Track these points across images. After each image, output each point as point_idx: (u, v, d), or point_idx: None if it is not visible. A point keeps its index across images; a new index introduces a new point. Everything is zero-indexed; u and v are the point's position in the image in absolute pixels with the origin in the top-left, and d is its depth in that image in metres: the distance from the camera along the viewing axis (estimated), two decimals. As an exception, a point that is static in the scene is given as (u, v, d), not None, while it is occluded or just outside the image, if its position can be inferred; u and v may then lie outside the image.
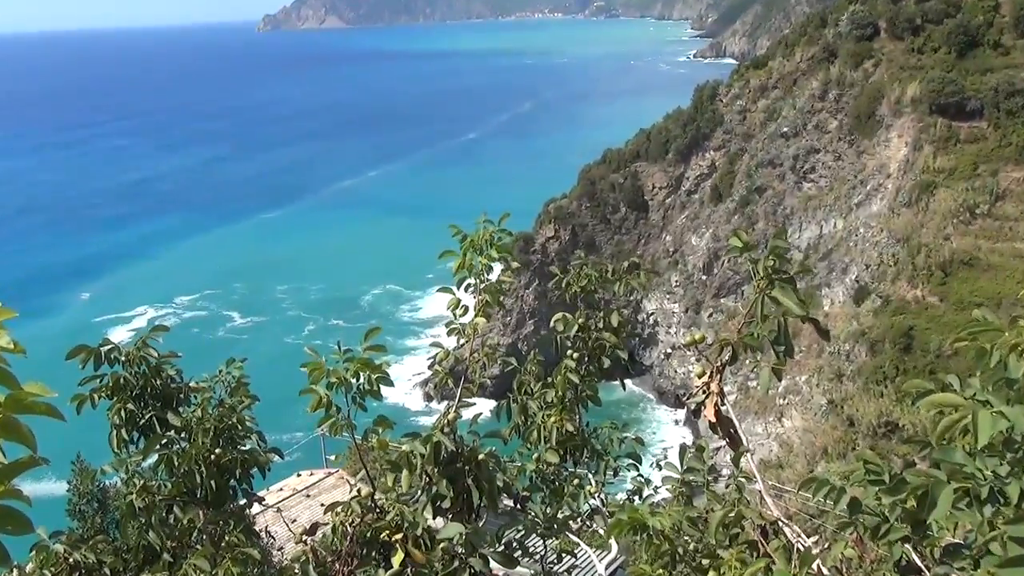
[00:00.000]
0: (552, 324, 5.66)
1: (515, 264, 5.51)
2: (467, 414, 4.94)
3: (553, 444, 5.38)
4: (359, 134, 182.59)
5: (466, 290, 5.29)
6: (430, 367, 5.23)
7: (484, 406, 4.83)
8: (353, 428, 4.40)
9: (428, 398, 68.81)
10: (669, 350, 68.76)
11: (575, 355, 5.63)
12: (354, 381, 4.34)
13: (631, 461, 5.76)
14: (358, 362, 4.33)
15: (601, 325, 5.73)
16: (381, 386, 4.42)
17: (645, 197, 74.19)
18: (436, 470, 4.05)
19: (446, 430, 4.27)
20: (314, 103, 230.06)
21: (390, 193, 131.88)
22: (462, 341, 5.25)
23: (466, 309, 5.19)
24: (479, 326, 5.11)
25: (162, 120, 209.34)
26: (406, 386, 70.78)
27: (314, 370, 4.27)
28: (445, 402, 69.02)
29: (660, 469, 4.95)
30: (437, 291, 5.37)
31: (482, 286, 5.20)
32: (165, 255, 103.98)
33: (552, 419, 5.42)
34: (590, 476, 5.72)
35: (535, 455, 5.50)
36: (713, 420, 4.13)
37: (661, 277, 68.91)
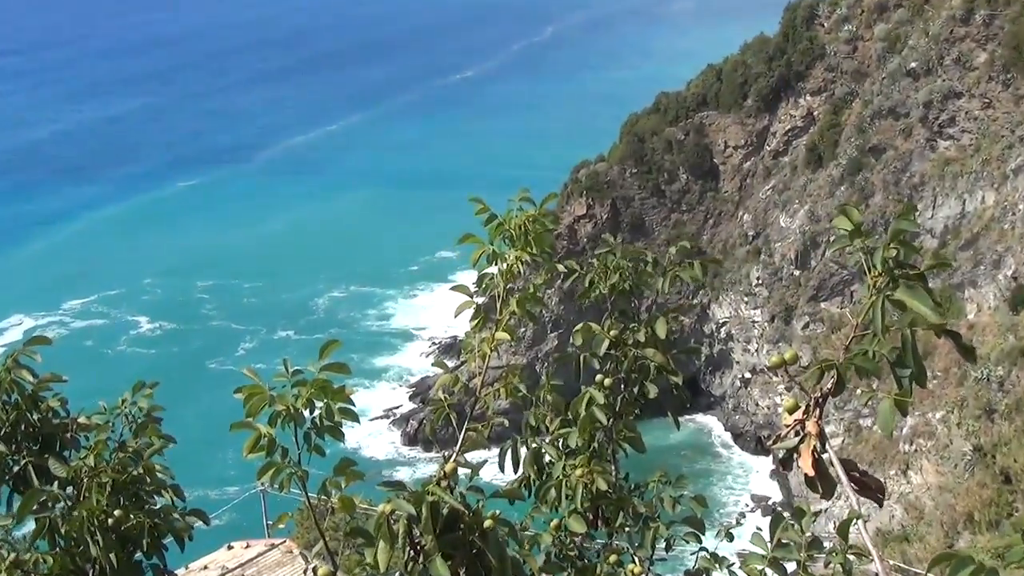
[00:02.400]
0: (573, 338, 5.65)
1: (561, 267, 5.50)
2: (465, 462, 4.92)
3: (579, 506, 5.36)
4: (316, 71, 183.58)
5: (484, 290, 5.28)
6: (421, 400, 5.24)
7: (480, 453, 4.83)
8: (305, 480, 4.39)
9: (409, 441, 69.29)
10: (747, 374, 68.74)
11: (607, 381, 5.61)
12: (307, 413, 4.35)
13: (690, 530, 5.71)
14: (312, 386, 4.33)
15: (642, 338, 5.67)
16: (344, 421, 4.46)
17: (714, 160, 74.16)
18: (431, 540, 4.02)
19: (443, 485, 4.26)
20: (257, 31, 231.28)
21: (356, 154, 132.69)
22: (462, 361, 5.25)
23: (483, 317, 5.17)
24: (499, 343, 5.12)
25: (55, 58, 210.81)
26: (375, 424, 70.99)
27: (252, 397, 4.27)
28: (436, 450, 69.09)
29: (732, 540, 4.90)
30: (450, 290, 5.39)
31: (507, 286, 5.18)
32: (48, 243, 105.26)
33: (577, 471, 5.40)
34: (631, 551, 5.68)
35: (554, 521, 5.48)
36: (810, 473, 4.11)
37: (736, 272, 68.81)
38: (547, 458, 5.64)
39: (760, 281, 67.44)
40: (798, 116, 70.96)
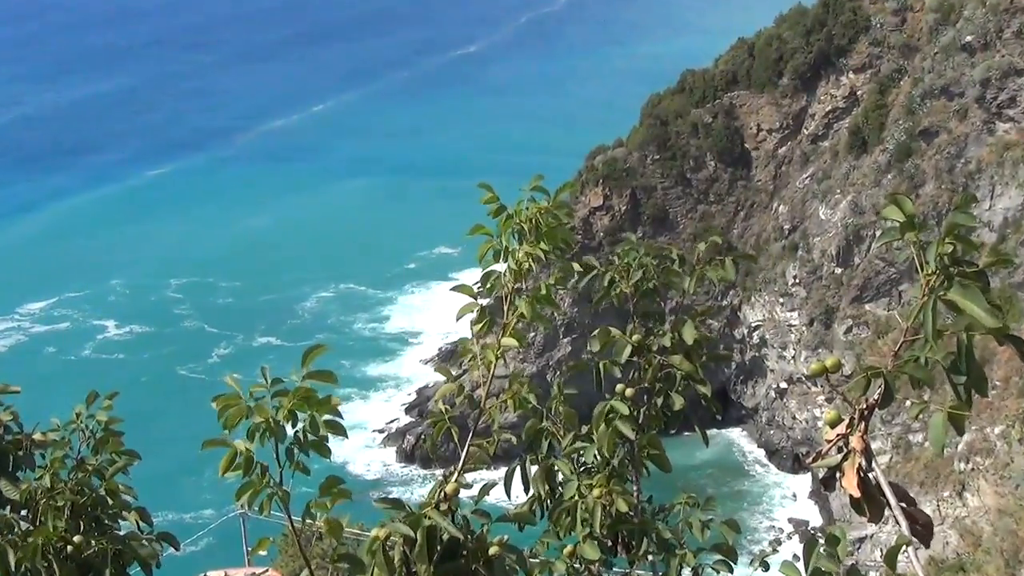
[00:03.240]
0: (590, 343, 5.64)
1: (575, 266, 5.50)
2: (469, 481, 4.90)
3: (596, 530, 5.34)
4: (301, 45, 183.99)
5: (490, 290, 5.26)
6: (419, 413, 5.23)
7: (489, 474, 4.82)
8: (288, 501, 4.39)
9: (405, 458, 69.51)
10: (783, 384, 68.64)
11: (628, 391, 5.60)
12: (289, 427, 4.35)
13: (721, 558, 5.71)
14: (295, 396, 4.33)
15: (668, 343, 5.65)
16: (331, 435, 4.46)
17: (745, 145, 74.06)
18: (427, 570, 4.01)
19: (443, 507, 4.25)
20: (237, 1, 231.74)
21: (346, 138, 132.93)
22: (465, 369, 5.23)
23: (489, 321, 5.16)
24: (506, 350, 5.11)
25: (14, 35, 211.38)
26: (368, 438, 71.64)
27: (227, 408, 4.27)
28: (436, 467, 69.06)
29: (767, 570, 4.87)
30: (451, 289, 5.38)
31: (516, 286, 5.19)
32: (4, 240, 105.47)
33: (594, 492, 5.39)
34: (655, 581, 5.70)
35: (568, 547, 5.47)
36: (855, 494, 4.08)
37: (770, 270, 68.72)
38: (561, 477, 5.62)
39: (797, 280, 67.30)
40: (839, 96, 70.80)
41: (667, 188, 73.67)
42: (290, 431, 4.38)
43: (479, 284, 5.31)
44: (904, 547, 4.26)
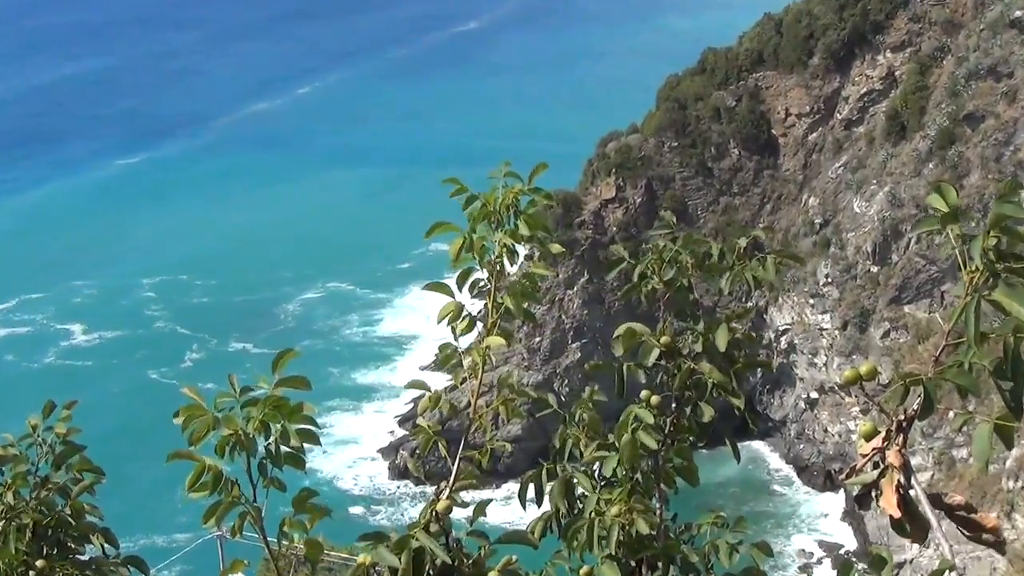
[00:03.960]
0: (613, 344, 5.63)
1: (556, 247, 5.51)
2: (468, 500, 4.91)
3: (614, 551, 5.36)
4: (286, 21, 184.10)
5: (471, 290, 5.32)
6: (410, 427, 5.24)
7: (489, 490, 4.80)
8: (259, 519, 4.40)
9: (398, 474, 69.61)
10: (813, 393, 68.57)
11: (654, 398, 5.61)
12: (260, 439, 4.35)
13: (750, 583, 5.73)
14: (266, 405, 4.33)
15: (699, 348, 5.66)
16: (307, 446, 4.44)
17: (772, 132, 74.00)
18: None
19: (433, 528, 4.24)
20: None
21: (335, 124, 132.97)
22: (461, 377, 5.24)
23: (471, 321, 5.20)
24: (492, 351, 5.12)
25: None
26: (358, 453, 71.63)
27: (192, 419, 4.27)
28: (430, 483, 68.64)
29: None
30: (424, 288, 5.43)
31: (500, 283, 5.21)
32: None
33: (614, 509, 5.40)
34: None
35: (583, 568, 5.46)
36: (894, 513, 4.07)
37: (800, 268, 68.66)
38: (580, 490, 5.63)
39: (829, 279, 67.24)
40: (876, 77, 70.73)
41: (686, 178, 73.66)
42: (262, 444, 4.37)
43: (458, 282, 5.32)
44: (947, 572, 4.24)
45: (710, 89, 74.54)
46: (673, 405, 5.72)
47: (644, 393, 5.67)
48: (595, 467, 5.68)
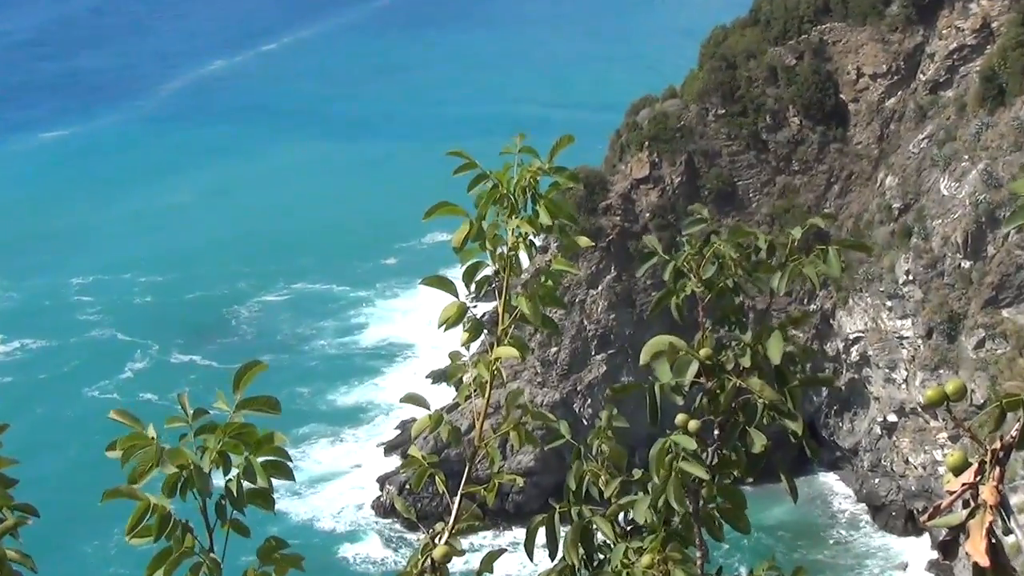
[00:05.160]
0: (643, 359, 5.63)
1: (583, 240, 5.51)
2: (470, 546, 4.94)
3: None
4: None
5: (477, 289, 5.31)
6: (403, 454, 5.25)
7: (495, 534, 4.79)
8: (217, 572, 4.39)
9: (386, 514, 69.86)
10: (892, 416, 68.39)
11: (692, 424, 5.61)
12: (218, 474, 4.32)
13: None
14: (225, 433, 4.31)
15: (748, 362, 5.65)
16: (277, 482, 4.46)
17: (842, 96, 73.79)
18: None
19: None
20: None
21: (303, 87, 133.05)
22: (465, 395, 5.24)
23: (477, 327, 5.20)
24: (501, 363, 5.10)
25: None
26: (338, 487, 71.66)
27: (131, 449, 4.25)
28: (424, 526, 68.12)
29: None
30: (422, 282, 5.43)
31: (513, 281, 5.21)
32: None
33: (645, 559, 5.41)
34: None
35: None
36: (982, 562, 4.07)
37: (874, 263, 68.54)
38: (602, 537, 5.62)
39: (911, 277, 67.11)
40: (968, 29, 70.54)
41: (735, 153, 73.57)
42: (221, 480, 4.35)
43: (464, 279, 5.31)
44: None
45: (765, 44, 74.46)
46: (716, 432, 5.72)
47: (680, 418, 5.66)
48: (620, 513, 5.67)
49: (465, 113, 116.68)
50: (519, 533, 61.86)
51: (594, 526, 5.64)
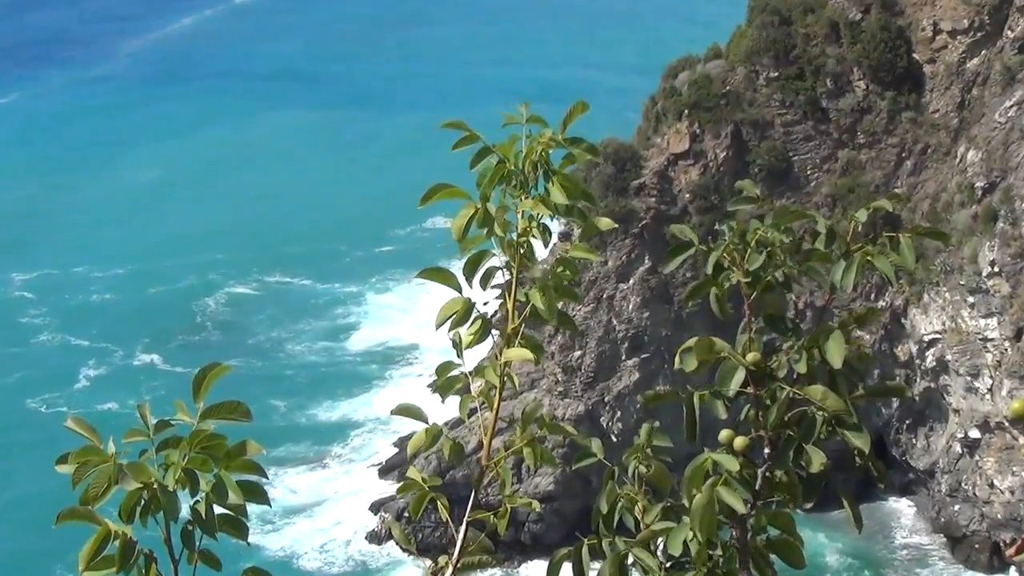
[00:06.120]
0: (678, 364, 5.61)
1: (604, 222, 5.51)
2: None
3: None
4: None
5: (483, 283, 5.33)
6: (396, 479, 5.24)
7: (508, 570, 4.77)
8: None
9: (375, 539, 69.98)
10: (974, 432, 68.16)
11: (739, 441, 5.58)
12: (184, 495, 4.35)
13: None
14: (192, 445, 4.34)
15: (803, 368, 5.64)
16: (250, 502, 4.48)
17: (915, 56, 73.53)
18: None
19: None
20: None
21: (277, 46, 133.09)
22: (469, 407, 5.25)
23: (484, 326, 5.22)
24: (514, 368, 5.11)
25: None
26: (323, 517, 71.65)
27: (86, 470, 4.26)
28: (425, 559, 68.24)
29: None
30: (419, 275, 5.47)
31: (524, 273, 5.25)
32: None
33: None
34: None
35: None
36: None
37: (954, 253, 68.33)
38: (638, 570, 5.62)
39: (997, 269, 66.91)
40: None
41: (790, 124, 73.43)
42: (187, 501, 4.34)
43: (464, 271, 5.31)
44: None
45: (823, -4, 74.35)
46: (766, 451, 5.71)
47: (724, 434, 5.66)
48: (659, 542, 5.67)
49: (467, 75, 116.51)
50: (537, 569, 61.85)
51: (631, 560, 5.64)
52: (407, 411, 5.34)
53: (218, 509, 4.43)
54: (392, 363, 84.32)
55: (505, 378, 5.15)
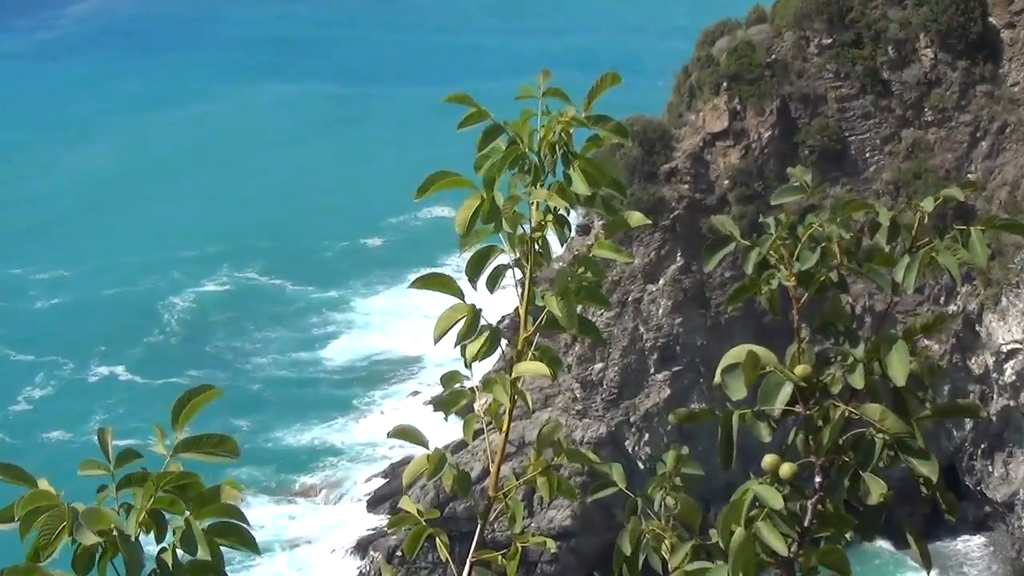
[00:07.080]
0: (716, 379, 5.63)
1: (635, 216, 5.52)
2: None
3: None
4: None
5: (490, 285, 5.35)
6: (388, 513, 5.28)
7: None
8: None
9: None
10: (1061, 459, 67.99)
11: (785, 468, 5.60)
12: (151, 541, 4.34)
13: None
14: (159, 485, 4.35)
15: (859, 383, 5.64)
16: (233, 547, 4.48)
17: (992, 20, 73.37)
18: None
19: None
20: None
21: (254, 9, 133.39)
22: (474, 429, 5.29)
23: (493, 337, 5.21)
24: (524, 383, 5.15)
25: None
26: (304, 555, 71.77)
27: (34, 517, 4.26)
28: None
29: None
30: (413, 286, 5.49)
31: (538, 274, 5.27)
32: None
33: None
34: None
35: None
36: None
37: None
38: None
39: (1086, 268, 67.00)
40: None
41: (846, 99, 73.43)
42: (153, 550, 4.38)
43: (467, 272, 5.33)
44: None
45: (885, -50, 74.33)
46: (817, 479, 5.73)
47: (769, 460, 5.68)
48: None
49: (472, 40, 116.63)
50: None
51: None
52: (405, 434, 5.36)
53: (187, 556, 4.42)
54: (384, 380, 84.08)
55: (516, 396, 5.16)
